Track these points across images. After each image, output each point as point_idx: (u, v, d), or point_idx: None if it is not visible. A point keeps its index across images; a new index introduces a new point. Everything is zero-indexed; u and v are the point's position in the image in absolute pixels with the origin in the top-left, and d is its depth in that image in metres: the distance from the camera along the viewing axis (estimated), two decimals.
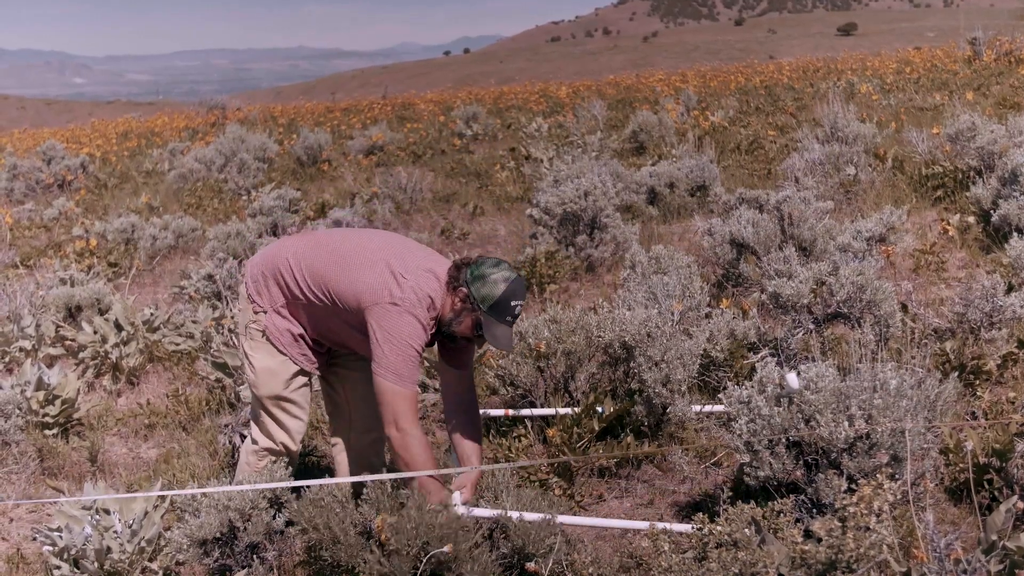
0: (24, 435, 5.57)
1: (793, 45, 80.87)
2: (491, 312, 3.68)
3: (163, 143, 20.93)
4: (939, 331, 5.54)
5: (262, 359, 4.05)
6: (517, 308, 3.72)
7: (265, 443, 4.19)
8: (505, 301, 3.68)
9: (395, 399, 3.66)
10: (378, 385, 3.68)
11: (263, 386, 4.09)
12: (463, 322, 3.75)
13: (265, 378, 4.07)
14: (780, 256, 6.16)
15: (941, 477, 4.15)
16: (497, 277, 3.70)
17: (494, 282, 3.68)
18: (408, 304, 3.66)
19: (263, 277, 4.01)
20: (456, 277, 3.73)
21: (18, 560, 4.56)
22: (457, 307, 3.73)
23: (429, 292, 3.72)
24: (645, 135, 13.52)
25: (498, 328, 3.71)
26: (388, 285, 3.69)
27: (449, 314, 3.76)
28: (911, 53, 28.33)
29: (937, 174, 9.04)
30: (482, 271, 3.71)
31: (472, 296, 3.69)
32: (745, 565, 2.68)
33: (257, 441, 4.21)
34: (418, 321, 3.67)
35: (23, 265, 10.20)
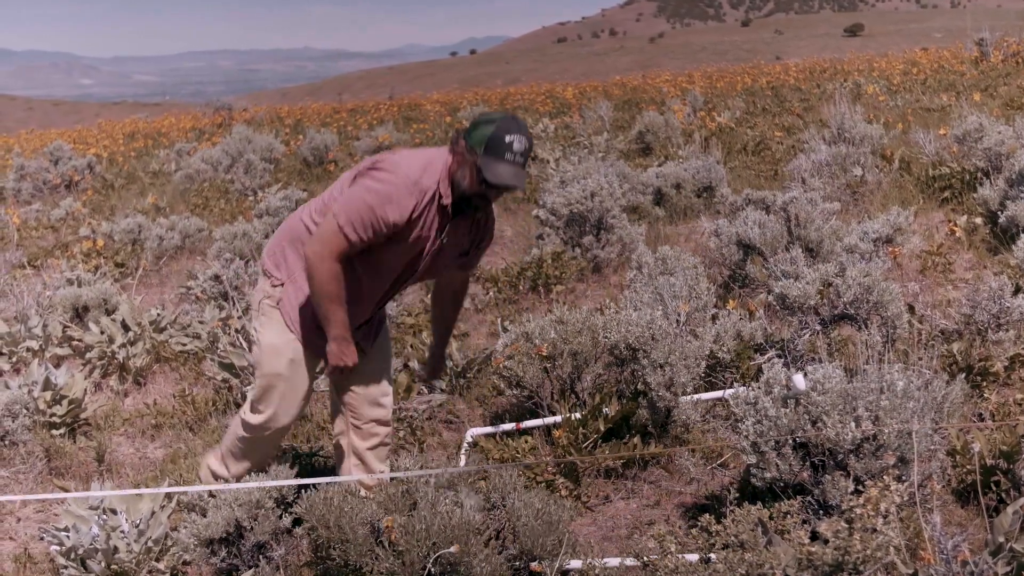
0: (31, 435, 5.58)
1: (800, 46, 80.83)
2: (487, 153, 3.61)
3: (170, 144, 20.97)
4: (946, 332, 5.53)
5: (269, 336, 3.99)
6: (514, 143, 3.62)
7: (255, 418, 4.12)
8: (498, 138, 3.61)
9: (335, 235, 3.63)
10: (325, 222, 3.68)
11: (265, 363, 4.02)
12: (467, 175, 3.66)
13: (269, 356, 4.01)
14: (787, 257, 6.16)
15: (948, 479, 4.14)
16: (489, 118, 3.68)
17: (485, 124, 3.64)
18: (388, 167, 3.65)
19: (280, 248, 3.98)
20: (456, 139, 3.71)
21: (25, 560, 4.56)
22: (458, 162, 3.68)
23: (421, 166, 3.69)
24: (651, 136, 13.51)
25: (498, 167, 3.61)
26: (382, 157, 3.73)
27: (455, 174, 3.69)
28: (918, 54, 28.30)
29: (944, 175, 9.03)
30: (475, 120, 3.71)
31: (467, 145, 3.65)
32: (752, 566, 2.67)
33: (245, 416, 4.17)
34: (393, 191, 3.61)
35: (30, 265, 10.21)
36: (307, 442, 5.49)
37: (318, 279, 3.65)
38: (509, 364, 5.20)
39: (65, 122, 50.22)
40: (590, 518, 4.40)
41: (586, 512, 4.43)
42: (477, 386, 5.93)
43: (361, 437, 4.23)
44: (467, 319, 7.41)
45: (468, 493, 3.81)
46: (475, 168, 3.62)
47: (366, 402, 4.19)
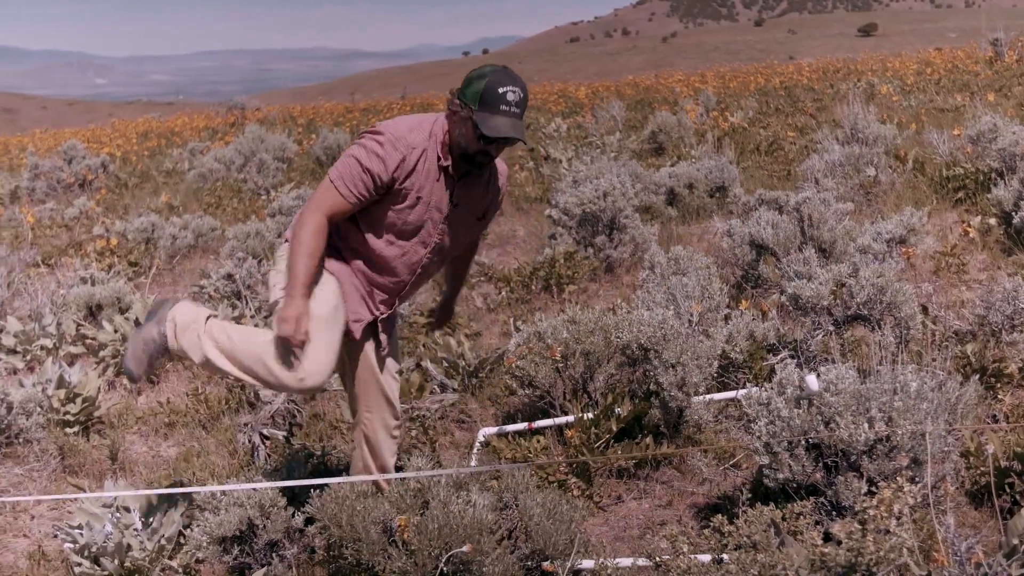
0: (45, 433, 5.60)
1: (813, 46, 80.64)
2: (482, 107, 3.51)
3: (183, 143, 21.03)
4: (960, 334, 5.52)
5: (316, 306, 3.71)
6: (508, 93, 3.52)
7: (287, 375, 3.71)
8: (491, 90, 3.51)
9: (326, 191, 3.65)
10: (322, 182, 3.70)
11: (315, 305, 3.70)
12: (465, 133, 3.58)
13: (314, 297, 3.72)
14: (800, 257, 6.15)
15: (962, 480, 4.13)
16: (479, 73, 3.59)
17: (477, 79, 3.56)
18: (376, 128, 3.65)
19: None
20: (450, 100, 3.64)
21: (39, 557, 4.58)
22: (456, 121, 3.60)
23: (409, 126, 3.66)
24: (664, 136, 13.50)
25: (494, 119, 3.51)
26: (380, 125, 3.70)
27: (455, 134, 3.62)
28: (932, 54, 28.22)
29: (958, 175, 9.00)
30: (467, 77, 3.62)
31: (461, 102, 3.56)
32: (764, 567, 2.67)
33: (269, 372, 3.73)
34: (377, 147, 3.58)
35: (44, 264, 10.25)
36: (319, 440, 5.50)
37: (300, 229, 3.62)
38: (521, 364, 5.20)
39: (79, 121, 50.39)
40: (602, 518, 4.40)
41: (598, 512, 4.43)
42: (489, 386, 5.93)
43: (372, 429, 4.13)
44: (479, 318, 7.42)
45: (480, 492, 3.81)
46: (472, 124, 3.54)
47: (379, 394, 4.08)
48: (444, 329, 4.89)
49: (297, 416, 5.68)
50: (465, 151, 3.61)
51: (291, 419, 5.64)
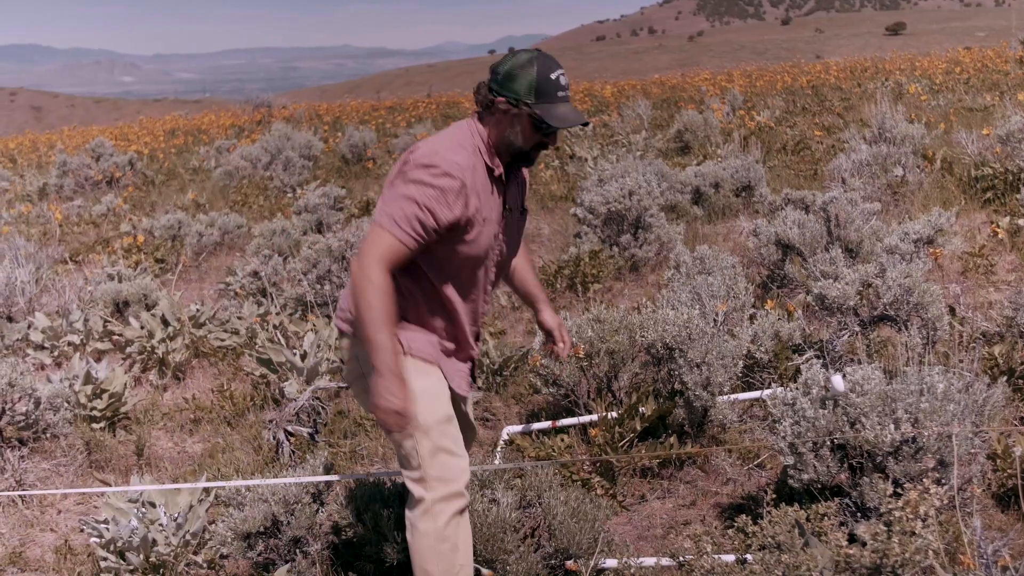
0: (72, 428, 5.64)
1: (840, 45, 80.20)
2: (540, 99, 3.18)
3: (210, 141, 21.14)
4: (988, 335, 5.47)
5: (413, 381, 3.21)
6: (561, 78, 3.23)
7: (445, 489, 3.22)
8: (544, 78, 3.19)
9: (379, 239, 3.10)
10: (368, 231, 3.16)
11: (424, 412, 3.21)
12: (521, 131, 3.23)
13: (425, 402, 3.23)
14: (826, 257, 6.12)
15: (988, 483, 4.10)
16: (520, 63, 3.21)
17: (522, 69, 3.19)
18: (425, 159, 3.13)
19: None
20: (484, 99, 3.25)
21: (66, 551, 4.62)
22: (506, 120, 3.23)
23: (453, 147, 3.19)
24: (690, 135, 13.46)
25: (557, 109, 3.20)
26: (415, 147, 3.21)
27: (504, 135, 3.24)
28: (961, 53, 28.02)
29: (987, 176, 8.93)
30: (505, 71, 3.21)
31: (511, 98, 3.18)
32: (788, 568, 2.66)
33: (425, 497, 3.22)
34: (443, 182, 3.09)
35: (72, 261, 10.33)
36: (344, 438, 5.51)
37: (362, 291, 3.05)
38: (546, 362, 5.20)
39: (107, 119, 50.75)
40: (626, 517, 4.39)
41: (622, 511, 4.43)
42: (513, 384, 5.93)
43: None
44: (504, 316, 7.42)
45: (504, 491, 3.82)
46: (529, 119, 3.19)
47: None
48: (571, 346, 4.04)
49: (322, 413, 5.70)
50: (520, 149, 3.27)
51: (316, 416, 5.65)
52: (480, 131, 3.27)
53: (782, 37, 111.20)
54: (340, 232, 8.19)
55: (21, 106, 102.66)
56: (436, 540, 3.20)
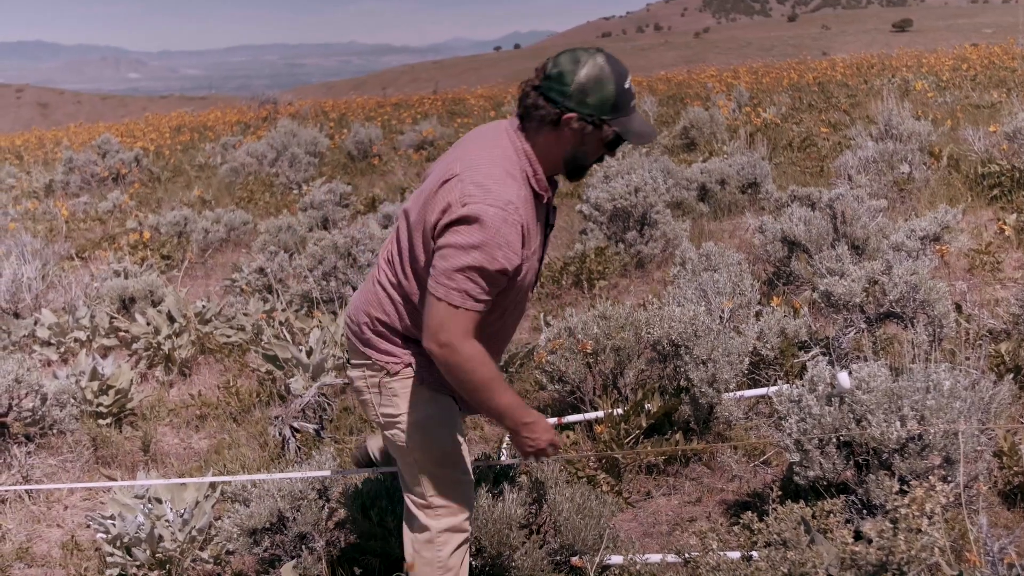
0: (79, 424, 5.65)
1: (847, 41, 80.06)
2: (617, 113, 2.83)
3: (216, 137, 21.16)
4: (994, 332, 5.47)
5: (421, 409, 3.10)
6: (631, 86, 2.87)
7: (447, 522, 3.17)
8: (621, 91, 2.82)
9: (441, 316, 2.80)
10: (428, 297, 2.82)
11: (433, 442, 3.13)
12: (589, 148, 2.89)
13: (433, 431, 3.13)
14: (832, 254, 6.11)
15: (995, 480, 4.10)
16: (596, 76, 2.79)
17: (598, 82, 2.79)
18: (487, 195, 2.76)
19: (375, 332, 3.12)
20: (546, 113, 2.83)
21: (72, 547, 4.63)
22: (573, 138, 2.86)
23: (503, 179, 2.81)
24: (696, 131, 13.45)
25: (632, 123, 2.87)
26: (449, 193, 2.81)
27: (566, 152, 2.90)
28: (968, 50, 27.97)
29: (994, 173, 8.92)
30: (578, 83, 2.78)
31: (586, 115, 2.80)
32: (794, 565, 2.66)
33: (430, 526, 3.17)
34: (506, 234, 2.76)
35: (78, 257, 10.35)
36: (350, 434, 5.52)
37: (465, 370, 2.82)
38: (551, 359, 5.20)
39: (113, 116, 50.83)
40: (631, 514, 4.39)
41: (627, 508, 4.43)
42: (519, 380, 5.93)
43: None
44: None
45: (509, 487, 3.82)
46: (605, 138, 2.87)
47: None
48: None
49: (328, 410, 5.70)
50: (582, 164, 2.95)
51: (321, 412, 5.66)
52: (526, 150, 2.89)
53: (788, 34, 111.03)
54: (346, 228, 8.20)
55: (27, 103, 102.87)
56: (440, 570, 3.18)
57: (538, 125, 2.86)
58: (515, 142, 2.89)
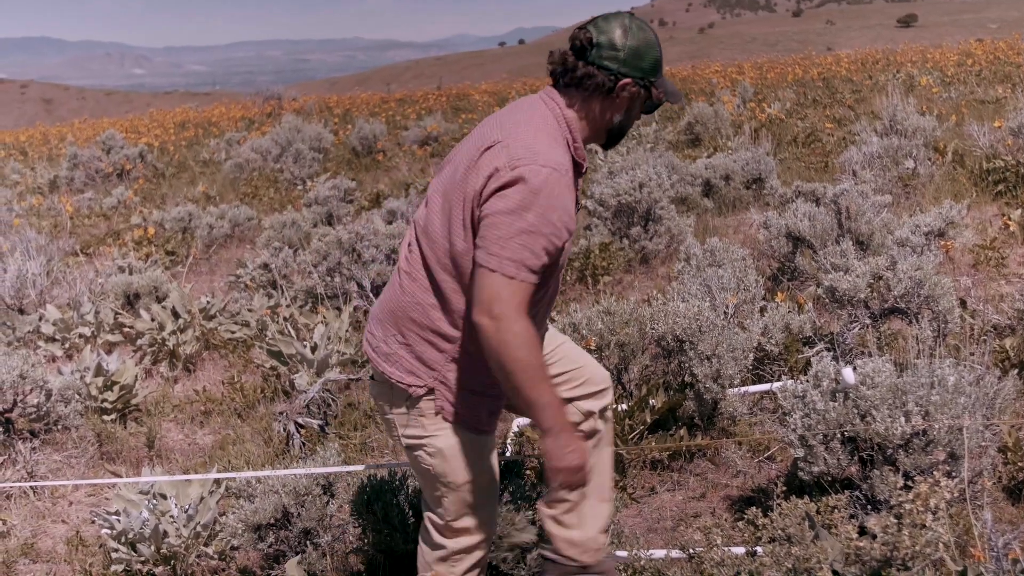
0: (83, 420, 5.66)
1: (852, 37, 79.94)
2: (658, 75, 2.84)
3: (220, 133, 21.17)
4: (999, 328, 5.46)
5: (449, 436, 2.92)
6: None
7: (468, 541, 3.07)
8: (660, 53, 2.85)
9: (496, 289, 2.61)
10: (477, 269, 2.64)
11: (458, 471, 2.95)
12: (634, 112, 2.88)
13: (460, 460, 2.95)
14: (837, 250, 6.10)
15: (999, 476, 4.10)
16: (645, 38, 2.79)
17: (647, 44, 2.79)
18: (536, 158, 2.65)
19: (405, 347, 2.91)
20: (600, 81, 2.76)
21: (77, 543, 4.64)
22: (622, 103, 2.81)
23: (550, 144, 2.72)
24: (701, 127, 13.44)
25: (667, 84, 2.87)
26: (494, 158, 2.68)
27: (612, 118, 2.85)
28: (973, 45, 27.91)
29: (999, 168, 8.91)
30: (631, 47, 2.76)
31: (639, 79, 2.78)
32: (798, 560, 2.65)
33: (446, 545, 3.08)
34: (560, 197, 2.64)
35: (83, 253, 10.36)
36: (354, 430, 5.52)
37: (509, 349, 2.60)
38: None
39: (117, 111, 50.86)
40: (636, 509, 4.39)
41: (632, 503, 4.42)
42: None
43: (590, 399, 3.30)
44: None
45: (515, 482, 3.82)
46: (653, 99, 2.87)
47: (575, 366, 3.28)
48: None
49: (332, 405, 5.71)
50: (625, 129, 2.92)
51: (326, 408, 5.66)
52: (567, 117, 2.81)
53: (793, 29, 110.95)
54: (350, 224, 8.20)
55: (32, 99, 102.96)
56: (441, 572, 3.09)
57: (590, 94, 2.79)
58: (555, 110, 2.81)
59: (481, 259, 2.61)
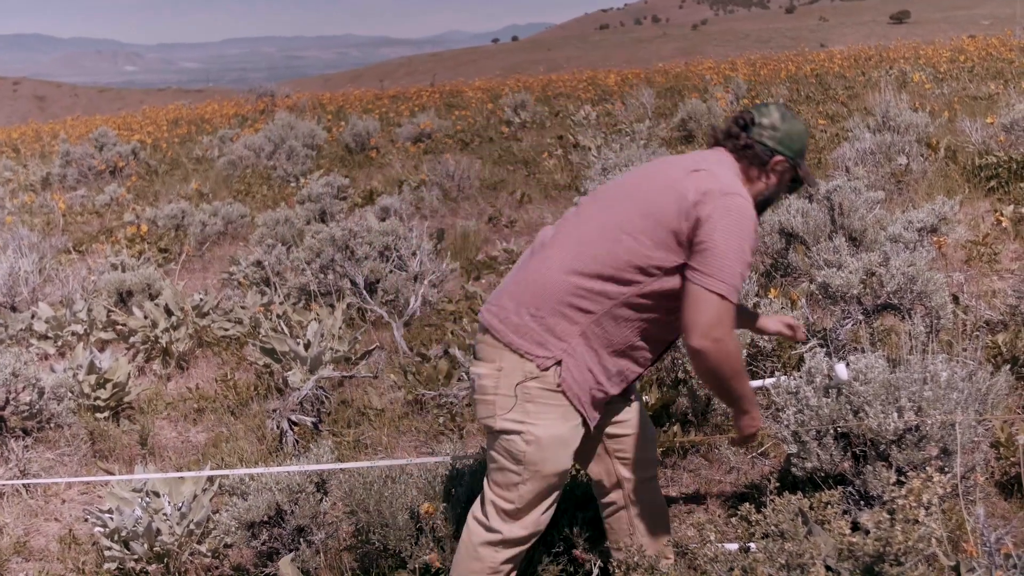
0: (76, 418, 5.65)
1: (845, 33, 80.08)
2: (803, 158, 3.19)
3: (213, 130, 21.13)
4: (991, 323, 5.47)
5: (551, 426, 3.03)
6: None
7: (523, 532, 3.15)
8: (807, 142, 3.22)
9: (715, 309, 2.85)
10: (694, 292, 2.86)
11: (549, 461, 3.07)
12: (780, 188, 3.21)
13: (554, 451, 3.06)
14: (830, 246, 6.11)
15: (991, 471, 4.10)
16: (798, 127, 3.17)
17: (799, 132, 3.16)
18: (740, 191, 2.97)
19: (537, 320, 3.01)
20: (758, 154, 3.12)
21: (70, 541, 4.63)
22: (774, 178, 3.16)
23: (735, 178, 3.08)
24: (694, 123, 13.44)
25: (807, 169, 3.22)
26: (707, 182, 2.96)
27: (763, 191, 3.17)
28: (965, 41, 27.92)
29: (991, 164, 8.92)
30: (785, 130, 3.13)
31: (792, 158, 3.13)
32: (792, 556, 2.66)
33: (502, 531, 3.13)
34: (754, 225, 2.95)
35: (76, 251, 10.34)
36: (347, 427, 5.52)
37: (728, 365, 2.91)
38: None
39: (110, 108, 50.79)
40: None
41: None
42: None
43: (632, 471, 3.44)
44: None
45: None
46: (797, 178, 3.22)
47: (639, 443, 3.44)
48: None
49: (325, 403, 5.71)
50: (772, 201, 3.24)
51: (319, 406, 5.66)
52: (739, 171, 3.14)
53: (786, 26, 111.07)
54: (344, 221, 8.19)
55: (24, 96, 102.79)
56: (485, 572, 3.16)
57: (748, 163, 3.13)
58: (736, 168, 3.13)
59: (701, 281, 2.86)
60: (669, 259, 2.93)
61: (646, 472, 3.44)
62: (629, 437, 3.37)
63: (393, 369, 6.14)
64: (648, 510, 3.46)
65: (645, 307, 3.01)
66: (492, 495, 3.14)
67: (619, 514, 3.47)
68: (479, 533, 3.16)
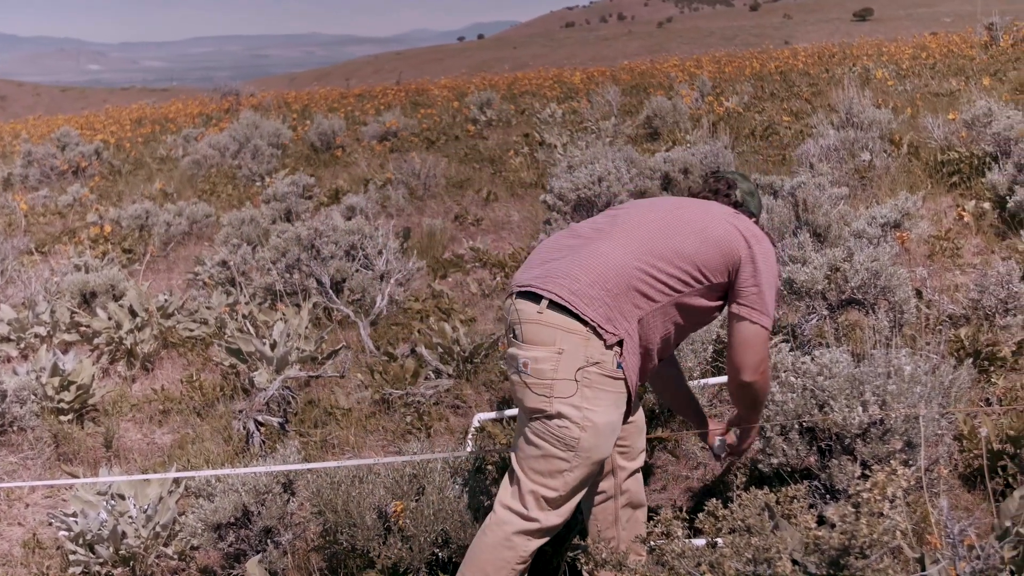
0: (39, 421, 5.60)
1: (809, 31, 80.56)
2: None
3: (177, 129, 20.98)
4: (954, 317, 5.52)
5: (607, 412, 3.10)
6: None
7: (557, 520, 3.18)
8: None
9: (763, 344, 3.24)
10: (746, 330, 3.21)
11: (601, 448, 3.13)
12: None
13: (607, 437, 3.13)
14: (794, 242, 6.14)
15: (955, 463, 4.14)
16: (752, 186, 3.67)
17: (756, 192, 3.68)
18: (771, 248, 3.38)
19: (609, 296, 3.08)
20: (744, 208, 3.57)
21: (34, 545, 4.59)
22: None
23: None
24: (659, 121, 13.47)
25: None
26: (747, 227, 3.37)
27: None
28: (927, 39, 28.14)
29: (953, 160, 8.99)
30: (759, 198, 3.69)
31: (757, 214, 3.64)
32: (758, 550, 2.67)
33: (539, 519, 3.14)
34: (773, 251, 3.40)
35: (38, 252, 10.24)
36: (314, 427, 5.50)
37: (767, 389, 3.40)
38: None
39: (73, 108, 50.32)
40: None
41: None
42: (484, 371, 5.93)
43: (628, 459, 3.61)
44: (474, 304, 7.41)
45: (475, 477, 3.82)
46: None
47: (637, 432, 3.64)
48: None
49: (292, 403, 5.68)
50: None
51: (286, 406, 5.63)
52: None
53: (751, 23, 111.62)
54: (309, 221, 8.16)
55: None
56: (516, 562, 3.14)
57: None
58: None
59: (752, 316, 3.22)
60: (716, 276, 3.22)
61: (638, 462, 3.63)
62: (630, 426, 3.54)
63: (360, 368, 6.13)
64: (632, 501, 3.60)
65: (682, 312, 3.24)
66: (532, 484, 3.12)
67: (607, 503, 3.56)
68: (514, 522, 3.13)
